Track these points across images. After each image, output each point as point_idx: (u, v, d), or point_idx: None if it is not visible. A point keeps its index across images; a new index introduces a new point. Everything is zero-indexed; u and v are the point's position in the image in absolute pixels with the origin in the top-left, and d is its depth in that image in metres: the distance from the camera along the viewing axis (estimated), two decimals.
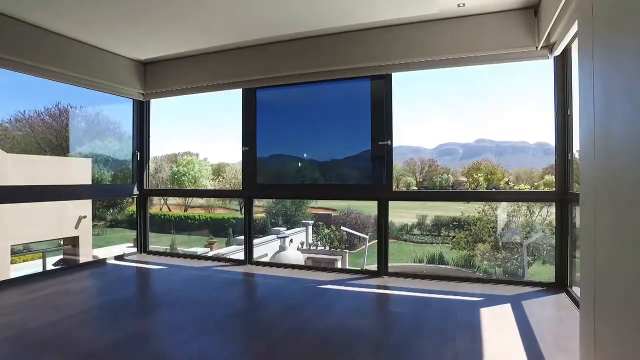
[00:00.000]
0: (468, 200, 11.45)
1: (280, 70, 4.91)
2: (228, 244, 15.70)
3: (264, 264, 5.42)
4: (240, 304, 3.71)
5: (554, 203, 4.08)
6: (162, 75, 5.67)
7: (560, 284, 4.03)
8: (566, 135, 3.95)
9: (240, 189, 5.37)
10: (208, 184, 32.94)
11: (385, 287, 4.25)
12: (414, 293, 3.98)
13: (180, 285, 4.33)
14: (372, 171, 4.66)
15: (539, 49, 3.94)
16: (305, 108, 5.25)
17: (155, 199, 32.19)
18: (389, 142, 4.48)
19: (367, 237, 13.93)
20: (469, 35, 4.10)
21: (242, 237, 14.58)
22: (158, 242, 19.97)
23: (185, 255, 6.09)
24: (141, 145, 6.03)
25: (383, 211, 4.56)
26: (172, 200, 33.42)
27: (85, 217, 9.14)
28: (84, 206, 9.39)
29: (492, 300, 3.73)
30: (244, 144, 5.30)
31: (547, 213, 13.50)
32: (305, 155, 5.26)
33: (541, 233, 13.10)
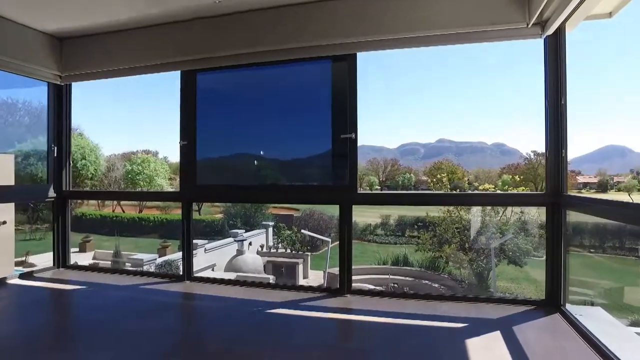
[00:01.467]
0: (448, 205, 11.01)
1: (226, 49, 4.08)
2: (180, 249, 14.59)
3: (206, 279, 4.57)
4: (165, 340, 2.86)
5: (544, 207, 3.50)
6: (82, 54, 4.69)
7: (552, 302, 3.45)
8: (559, 128, 3.37)
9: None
10: (165, 184, 31.32)
11: (349, 310, 3.53)
12: (383, 319, 3.27)
13: (96, 314, 3.42)
14: (333, 170, 3.93)
15: (529, 26, 3.33)
16: (257, 95, 4.43)
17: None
18: (353, 136, 3.76)
19: (329, 239, 13.28)
20: (450, 8, 3.44)
21: (197, 241, 13.51)
22: (111, 246, 18.44)
23: (115, 270, 5.14)
24: (59, 138, 5.02)
25: (346, 217, 3.83)
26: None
27: (4, 222, 7.82)
28: (3, 210, 8.11)
29: (479, 327, 3.08)
30: (182, 138, 4.43)
31: (512, 213, 13.34)
32: (262, 152, 4.44)
33: (510, 235, 12.89)
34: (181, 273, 4.52)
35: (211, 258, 13.77)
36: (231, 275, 13.00)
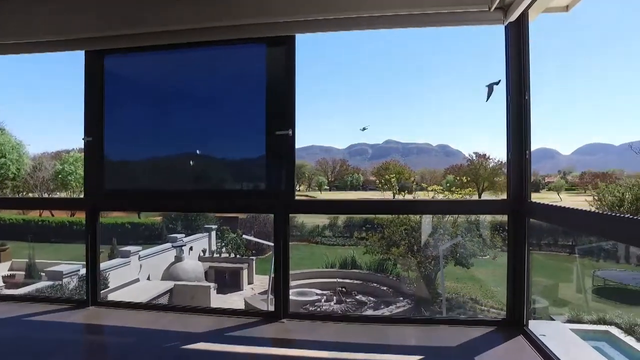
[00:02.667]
0: (398, 213, 10.67)
1: (141, 25, 3.36)
2: (111, 257, 13.30)
3: (116, 304, 3.80)
4: None
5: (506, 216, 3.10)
6: None
7: (514, 322, 3.06)
8: (523, 125, 2.98)
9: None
10: None
11: (286, 342, 2.94)
12: (325, 353, 2.72)
13: None
14: (266, 172, 3.32)
15: (492, 9, 2.92)
16: (180, 83, 3.72)
17: None
18: (290, 132, 3.17)
19: (272, 244, 12.64)
20: None
21: (130, 248, 12.38)
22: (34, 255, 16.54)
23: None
24: None
25: (281, 229, 3.23)
26: None
27: None
28: None
29: None
30: (86, 133, 3.64)
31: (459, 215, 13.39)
32: (198, 152, 3.72)
33: (459, 238, 12.89)
34: (86, 297, 3.71)
35: (147, 266, 12.67)
36: (169, 285, 12.03)
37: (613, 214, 2.25)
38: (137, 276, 12.00)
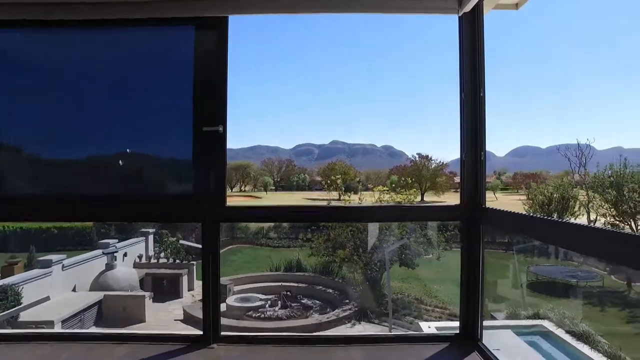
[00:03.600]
0: (343, 221, 10.32)
1: None
2: (27, 267, 11.93)
3: (9, 336, 3.15)
4: None
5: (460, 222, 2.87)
6: None
7: (468, 337, 2.83)
8: (478, 124, 2.75)
9: None
10: None
11: None
12: None
13: None
14: (193, 174, 2.86)
15: None
16: (91, 70, 3.14)
17: None
18: (221, 129, 2.73)
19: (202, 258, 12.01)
20: None
21: (52, 257, 11.15)
22: None
23: None
24: None
25: (211, 240, 2.78)
26: None
27: None
28: None
29: None
30: None
31: None
32: (128, 150, 3.13)
33: (405, 240, 12.92)
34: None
35: (73, 277, 11.50)
36: (97, 296, 11.00)
37: (575, 224, 2.05)
38: (56, 290, 10.81)
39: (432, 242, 13.46)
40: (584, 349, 8.76)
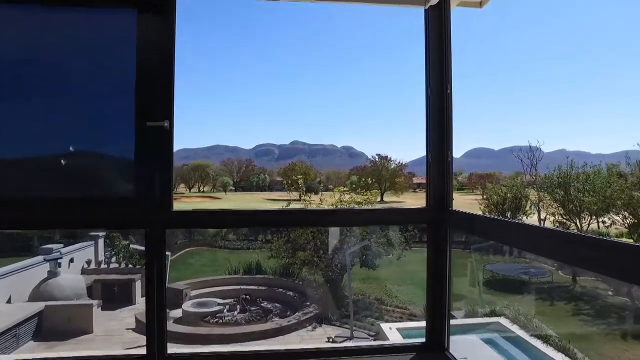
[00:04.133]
0: (303, 226, 10.01)
1: None
2: None
3: None
4: None
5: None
6: None
7: (434, 346, 2.69)
8: (445, 122, 2.62)
9: None
10: None
11: None
12: None
13: None
14: (135, 175, 2.55)
15: None
16: (16, 54, 2.75)
17: None
18: (166, 124, 2.44)
19: (168, 253, 11.46)
20: None
21: None
22: None
23: None
24: None
25: (155, 250, 2.48)
26: None
27: None
28: None
29: None
30: None
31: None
32: (71, 148, 2.73)
33: (366, 242, 12.86)
34: None
35: (9, 286, 10.56)
36: (37, 307, 10.15)
37: (545, 228, 1.94)
38: None
39: (393, 242, 13.51)
40: (537, 343, 9.01)
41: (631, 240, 15.24)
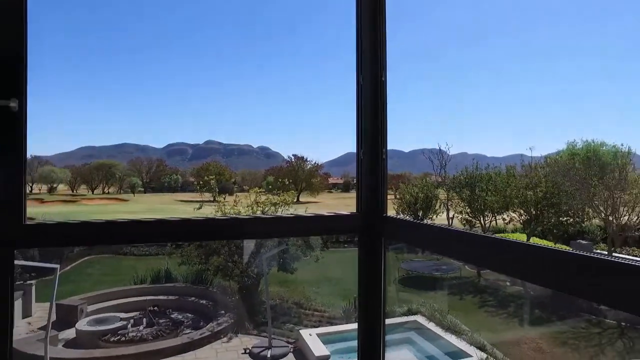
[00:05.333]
0: (210, 239, 9.14)
1: None
2: None
3: None
4: None
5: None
6: None
7: None
8: (379, 115, 2.27)
9: None
10: None
11: None
12: None
13: None
14: None
15: None
16: None
17: None
18: (14, 105, 1.76)
19: (57, 266, 9.99)
20: None
21: None
22: None
23: None
24: None
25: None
26: None
27: None
28: None
29: None
30: None
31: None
32: None
33: (284, 246, 12.38)
34: None
35: None
36: None
37: (509, 240, 1.65)
38: None
39: (311, 244, 13.24)
40: (452, 338, 9.31)
41: (524, 236, 16.68)
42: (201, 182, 15.97)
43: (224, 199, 15.25)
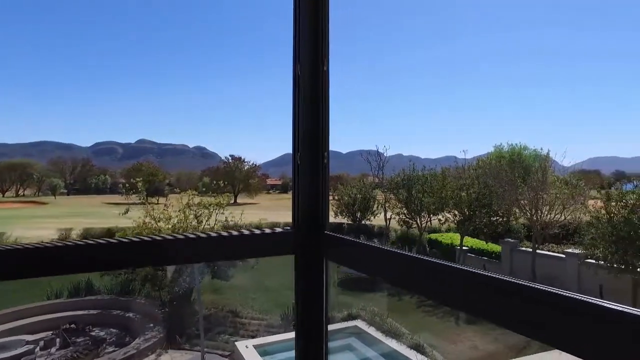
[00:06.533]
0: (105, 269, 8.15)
1: None
2: None
3: None
4: None
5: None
6: None
7: None
8: (320, 110, 1.87)
9: None
10: None
11: None
12: None
13: None
14: None
15: None
16: None
17: None
18: None
19: None
20: None
21: None
22: None
23: None
24: None
25: None
26: None
27: None
28: None
29: None
30: None
31: (216, 221, 12.23)
32: None
33: None
34: None
35: None
36: None
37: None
38: None
39: None
40: (392, 343, 9.21)
41: (458, 236, 17.25)
42: (127, 185, 14.71)
43: (158, 200, 14.11)
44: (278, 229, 2.00)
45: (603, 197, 12.72)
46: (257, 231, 1.91)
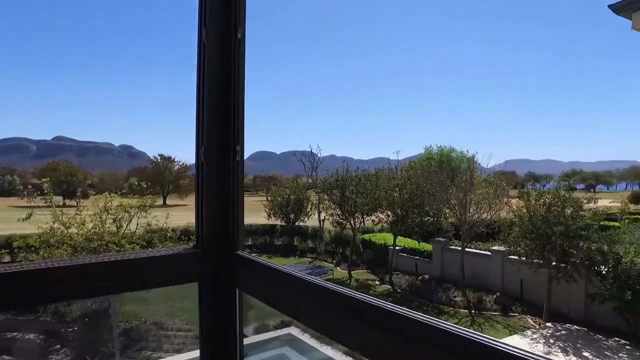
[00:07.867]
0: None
1: None
2: None
3: None
4: None
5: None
6: None
7: None
8: (232, 92, 1.41)
9: None
10: None
11: None
12: None
13: None
14: None
15: None
16: None
17: None
18: None
19: None
20: None
21: None
22: None
23: None
24: None
25: None
26: None
27: None
28: None
29: None
30: None
31: (138, 225, 11.17)
32: None
33: None
34: None
35: None
36: None
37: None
38: None
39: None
40: (327, 350, 8.87)
41: (391, 236, 17.44)
42: (30, 186, 13.05)
43: (78, 203, 12.52)
44: (180, 249, 1.51)
45: (524, 196, 13.39)
46: (144, 255, 1.40)
